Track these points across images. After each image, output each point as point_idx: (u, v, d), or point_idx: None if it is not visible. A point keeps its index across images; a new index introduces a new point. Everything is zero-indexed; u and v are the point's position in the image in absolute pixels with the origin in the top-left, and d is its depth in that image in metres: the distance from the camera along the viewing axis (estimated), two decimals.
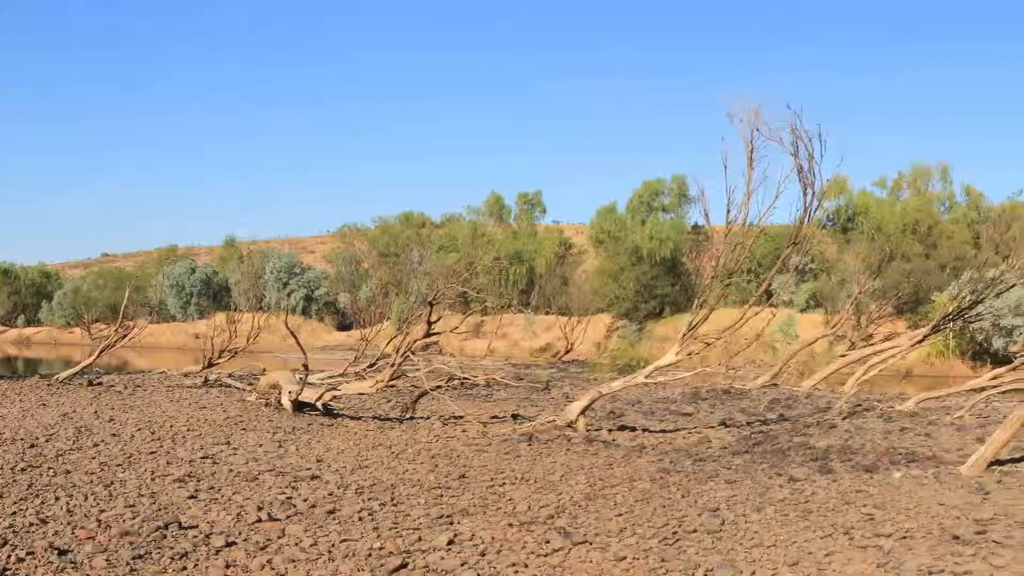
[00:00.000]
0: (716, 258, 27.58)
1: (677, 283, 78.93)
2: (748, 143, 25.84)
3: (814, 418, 28.06)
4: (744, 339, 43.11)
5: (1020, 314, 58.52)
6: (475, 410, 28.59)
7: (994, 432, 20.09)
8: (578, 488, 16.65)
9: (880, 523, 13.75)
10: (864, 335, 60.00)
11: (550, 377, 44.44)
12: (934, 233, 77.89)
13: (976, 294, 37.87)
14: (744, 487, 16.85)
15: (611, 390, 26.65)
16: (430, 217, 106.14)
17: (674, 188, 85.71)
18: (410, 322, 35.62)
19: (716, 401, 33.23)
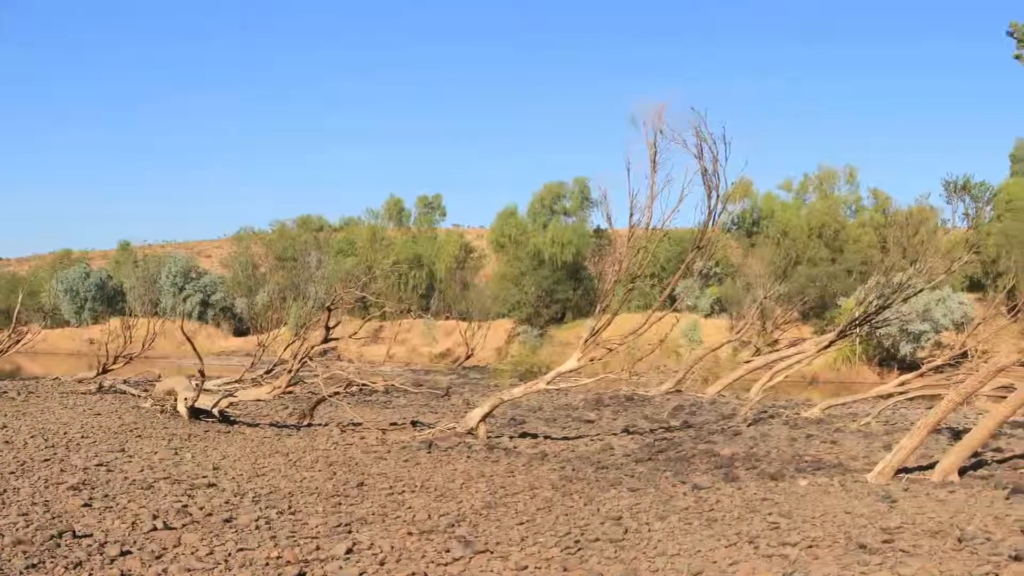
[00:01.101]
0: (619, 262, 27.69)
1: (579, 288, 79.40)
2: (651, 145, 26.00)
3: (719, 425, 28.33)
4: (647, 345, 43.36)
5: (927, 319, 59.72)
6: (374, 417, 28.42)
7: (901, 439, 20.42)
8: (479, 496, 16.63)
9: (786, 532, 13.86)
10: (769, 341, 60.92)
11: (450, 383, 44.39)
12: (840, 237, 79.20)
13: (883, 299, 38.46)
14: (647, 495, 16.90)
15: (512, 396, 26.63)
16: (328, 220, 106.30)
17: (576, 191, 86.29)
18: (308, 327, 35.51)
19: (619, 408, 33.39)
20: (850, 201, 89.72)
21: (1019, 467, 20.77)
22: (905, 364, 58.06)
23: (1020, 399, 20.01)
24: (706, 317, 73.11)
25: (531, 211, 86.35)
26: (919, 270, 41.67)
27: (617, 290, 28.03)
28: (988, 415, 20.63)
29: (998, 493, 17.08)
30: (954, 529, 13.90)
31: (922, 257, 44.16)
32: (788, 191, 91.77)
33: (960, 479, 19.00)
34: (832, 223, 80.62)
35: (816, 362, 51.00)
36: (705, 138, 26.27)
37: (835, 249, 77.84)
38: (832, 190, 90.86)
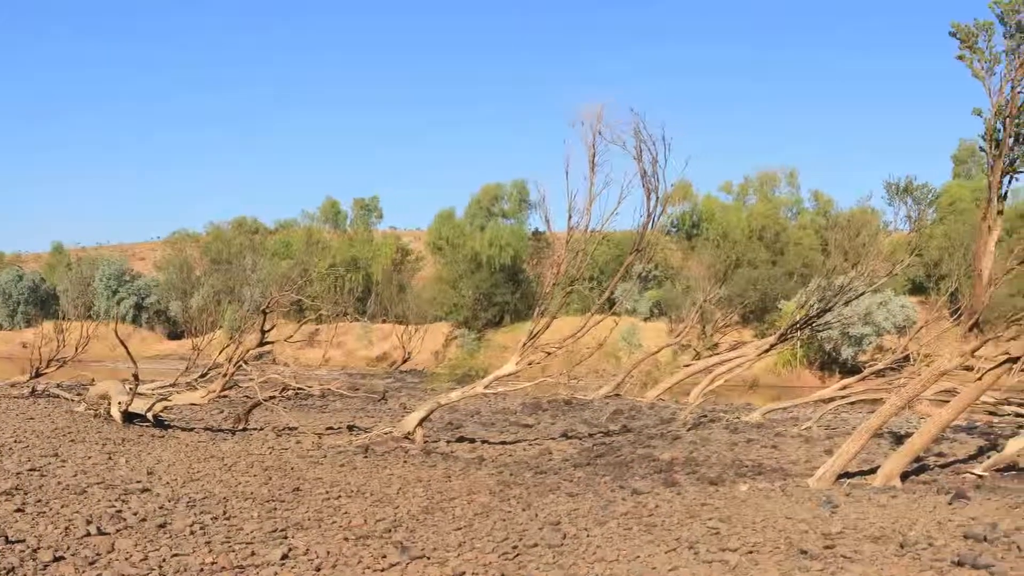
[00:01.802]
0: (557, 265, 27.77)
1: (517, 291, 79.42)
2: (591, 147, 26.10)
3: (658, 429, 28.42)
4: (586, 348, 43.49)
5: (869, 323, 60.21)
6: (310, 421, 28.42)
7: (843, 444, 20.56)
8: (415, 501, 16.64)
9: (726, 537, 13.90)
10: (709, 344, 61.07)
11: (387, 387, 44.38)
12: (781, 239, 79.70)
13: (824, 302, 38.72)
14: (586, 500, 16.94)
15: (450, 401, 26.67)
16: (264, 223, 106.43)
17: (514, 193, 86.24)
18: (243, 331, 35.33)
19: (557, 412, 33.47)
20: (791, 203, 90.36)
21: (962, 472, 20.99)
22: (847, 368, 58.49)
23: (963, 403, 20.19)
24: (645, 320, 73.29)
25: (469, 213, 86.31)
26: (861, 273, 41.91)
27: (556, 293, 28.10)
28: (930, 419, 20.81)
29: (941, 498, 17.22)
30: (896, 535, 13.99)
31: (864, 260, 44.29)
32: (728, 193, 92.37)
33: (902, 484, 19.16)
34: (773, 225, 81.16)
35: (757, 366, 51.30)
36: (644, 140, 26.43)
37: (776, 252, 78.35)
38: (773, 192, 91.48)
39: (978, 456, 23.27)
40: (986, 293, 20.42)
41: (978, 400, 23.42)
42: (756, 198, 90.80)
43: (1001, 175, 20.04)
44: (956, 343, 21.01)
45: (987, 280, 20.24)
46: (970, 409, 25.77)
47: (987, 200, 20.68)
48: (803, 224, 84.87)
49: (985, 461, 21.59)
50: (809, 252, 77.32)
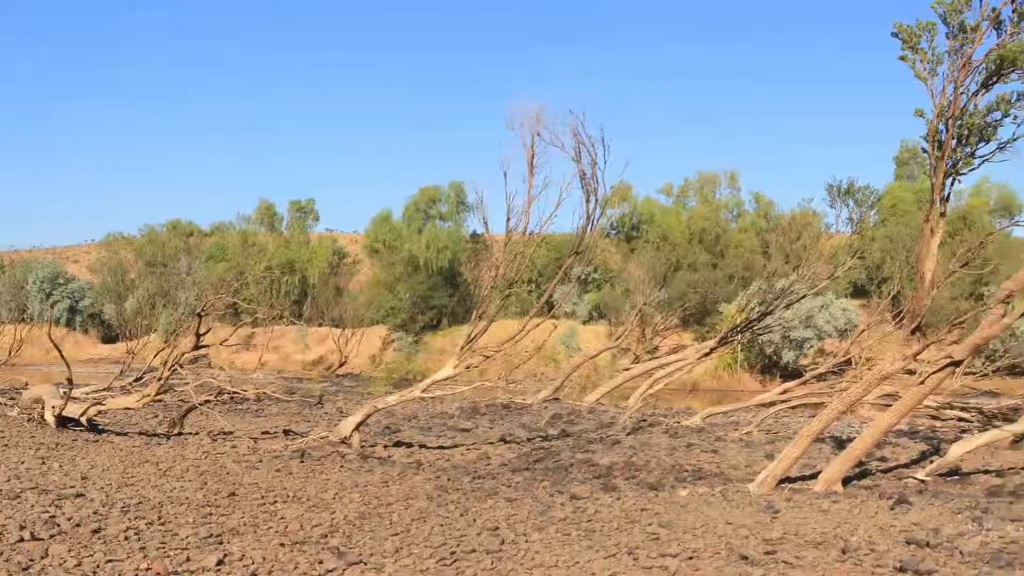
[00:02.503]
0: (495, 268, 27.78)
1: (455, 294, 79.35)
2: (529, 148, 26.16)
3: (597, 434, 28.48)
4: (525, 352, 43.56)
5: (810, 326, 60.63)
6: (245, 426, 28.26)
7: (784, 448, 20.69)
8: (352, 506, 16.58)
9: (666, 543, 13.94)
10: (649, 348, 61.38)
11: (323, 391, 44.28)
12: (722, 242, 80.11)
13: (765, 305, 38.98)
14: (525, 505, 16.94)
15: (387, 405, 26.61)
16: (199, 226, 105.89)
17: (452, 195, 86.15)
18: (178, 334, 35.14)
19: (496, 416, 33.48)
20: (731, 205, 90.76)
21: (904, 477, 21.16)
22: (788, 372, 58.81)
23: (905, 407, 20.37)
24: (584, 324, 73.42)
25: (406, 215, 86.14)
26: (802, 276, 42.20)
27: (494, 296, 28.12)
28: (872, 424, 20.99)
29: (882, 503, 17.37)
30: (838, 540, 14.09)
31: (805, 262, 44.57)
32: (668, 195, 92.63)
33: (844, 489, 19.29)
34: (713, 228, 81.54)
35: (697, 370, 51.60)
36: (583, 141, 26.55)
37: (716, 254, 78.74)
38: (713, 194, 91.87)
39: (920, 461, 23.47)
40: (928, 296, 20.67)
41: (920, 404, 23.62)
42: (696, 200, 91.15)
43: (944, 177, 20.34)
44: (898, 346, 21.24)
45: (929, 283, 20.51)
46: (912, 413, 26.03)
47: (929, 202, 21.00)
48: (744, 226, 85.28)
49: (928, 466, 21.77)
50: (750, 254, 77.72)
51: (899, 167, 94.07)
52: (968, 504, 17.21)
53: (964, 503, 17.36)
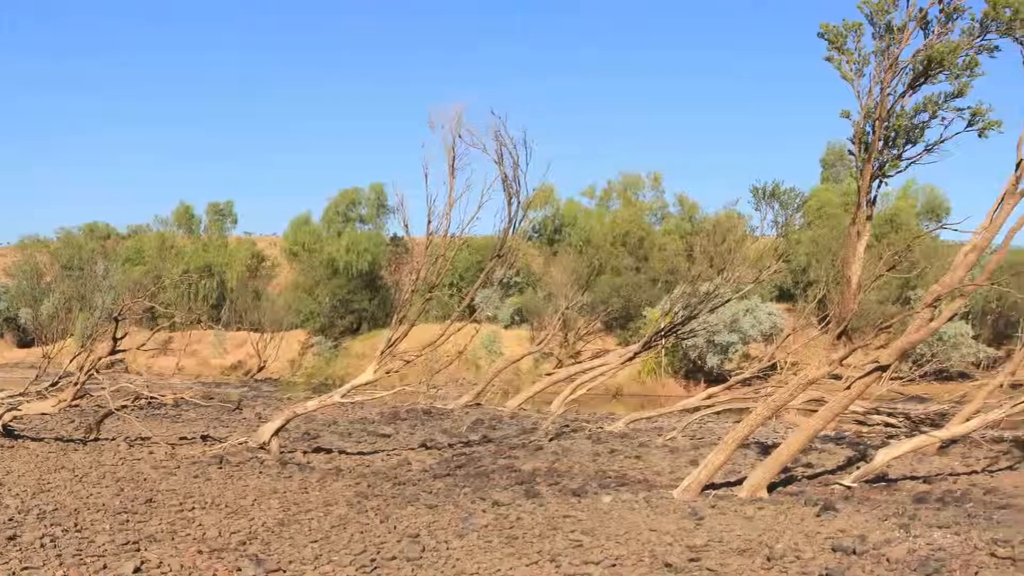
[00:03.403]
0: (416, 271, 27.77)
1: (375, 297, 79.15)
2: (450, 150, 26.14)
3: (519, 439, 28.52)
4: (446, 356, 43.51)
5: (735, 330, 61.01)
6: (163, 431, 28.06)
7: (708, 454, 20.81)
8: (271, 513, 16.56)
9: (588, 550, 13.97)
10: (572, 352, 61.56)
11: (242, 396, 43.96)
12: (645, 245, 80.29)
13: (689, 309, 39.17)
14: (446, 512, 16.94)
15: (306, 410, 26.52)
16: (116, 228, 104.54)
17: (372, 197, 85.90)
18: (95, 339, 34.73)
19: (416, 421, 33.47)
20: (655, 208, 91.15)
21: (830, 483, 21.36)
22: (712, 376, 59.18)
23: (831, 413, 20.54)
24: (506, 328, 73.45)
25: (325, 218, 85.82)
26: (726, 279, 42.44)
27: (414, 300, 28.10)
28: (798, 429, 21.19)
29: (808, 510, 17.51)
30: (763, 547, 14.18)
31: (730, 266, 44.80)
32: (591, 198, 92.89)
33: (769, 495, 19.44)
34: (636, 231, 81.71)
35: (620, 374, 51.73)
36: (505, 143, 26.55)
37: (640, 258, 78.93)
38: (637, 197, 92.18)
39: (847, 467, 23.72)
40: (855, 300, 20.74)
41: (847, 409, 23.84)
42: (620, 203, 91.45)
43: (870, 179, 20.38)
44: (824, 351, 21.33)
45: (856, 287, 20.58)
46: (839, 419, 26.26)
47: (856, 205, 21.03)
48: (668, 229, 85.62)
49: (854, 472, 21.99)
50: (674, 258, 77.94)
51: (825, 169, 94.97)
52: (895, 511, 17.41)
53: (891, 510, 17.56)
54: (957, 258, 19.75)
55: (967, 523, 16.17)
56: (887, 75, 19.84)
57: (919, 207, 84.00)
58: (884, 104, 19.82)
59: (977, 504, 18.68)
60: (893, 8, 19.90)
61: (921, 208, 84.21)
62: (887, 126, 20.04)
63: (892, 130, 20.12)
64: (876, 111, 19.92)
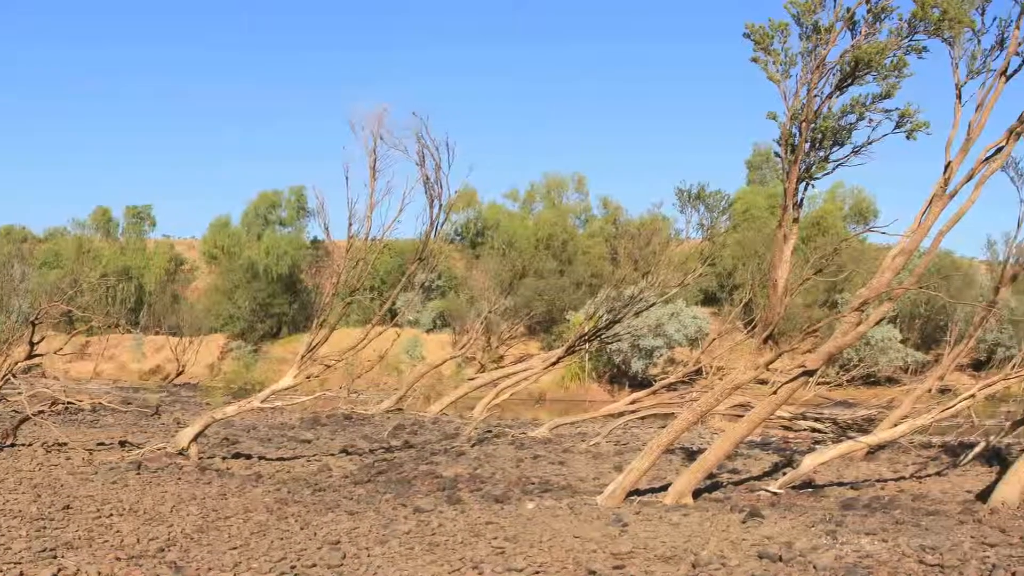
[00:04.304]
0: (337, 274, 27.74)
1: (295, 301, 79.03)
2: (371, 152, 26.11)
3: (441, 445, 28.51)
4: (367, 361, 43.36)
5: (660, 335, 61.29)
6: (80, 437, 27.74)
7: (632, 460, 20.84)
8: (190, 520, 16.43)
9: (511, 557, 13.96)
10: (495, 357, 61.56)
11: (160, 401, 43.58)
12: (569, 248, 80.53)
13: (614, 313, 39.28)
14: (367, 519, 16.88)
15: (225, 415, 26.36)
16: (32, 231, 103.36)
17: (292, 200, 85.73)
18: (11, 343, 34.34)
19: (337, 427, 33.41)
20: (579, 211, 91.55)
21: (756, 489, 21.48)
22: (637, 381, 59.43)
23: (757, 418, 20.66)
24: (428, 332, 73.52)
25: (245, 221, 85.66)
26: (651, 283, 42.66)
27: (335, 304, 28.03)
28: (724, 435, 21.27)
29: (734, 516, 17.58)
30: (688, 554, 14.22)
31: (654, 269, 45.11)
32: (515, 200, 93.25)
33: (694, 502, 19.52)
34: (560, 234, 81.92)
35: (543, 379, 51.85)
36: (427, 145, 26.57)
37: (563, 261, 79.13)
38: (560, 199, 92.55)
39: (773, 473, 23.88)
40: (781, 304, 20.87)
41: (773, 414, 24.02)
42: (543, 205, 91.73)
43: (797, 181, 20.50)
44: (750, 355, 21.48)
45: (782, 290, 20.70)
46: (765, 424, 26.45)
47: (782, 207, 21.15)
48: (592, 232, 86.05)
49: (780, 478, 22.13)
50: (598, 261, 78.35)
51: (751, 171, 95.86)
52: (822, 517, 17.51)
53: (818, 516, 17.66)
54: (885, 262, 19.92)
55: (895, 530, 16.28)
56: (814, 76, 19.97)
57: (846, 210, 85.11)
58: (811, 105, 19.96)
59: (905, 510, 18.84)
60: (820, 8, 20.03)
61: (848, 211, 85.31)
62: (814, 128, 20.17)
63: (819, 132, 20.25)
64: (803, 112, 20.05)
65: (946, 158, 19.31)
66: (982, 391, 24.50)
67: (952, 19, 18.81)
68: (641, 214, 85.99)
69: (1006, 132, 19.48)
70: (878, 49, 19.28)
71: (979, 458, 25.65)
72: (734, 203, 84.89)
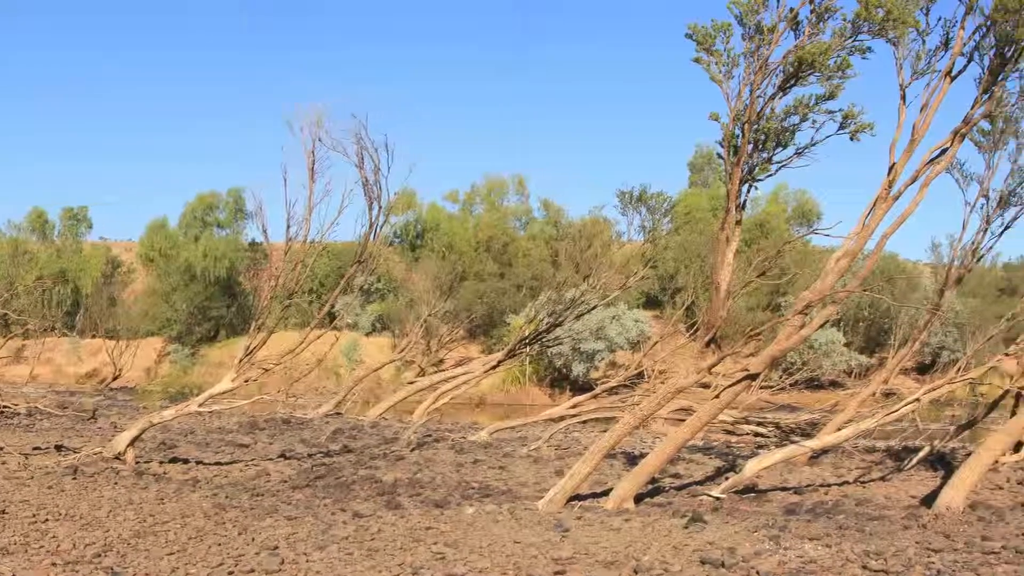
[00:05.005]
0: (275, 277, 27.66)
1: (234, 304, 78.61)
2: (310, 154, 26.07)
3: (381, 449, 28.45)
4: (306, 365, 43.24)
5: (602, 338, 61.33)
6: (16, 441, 27.58)
7: (574, 465, 20.83)
8: (127, 525, 16.35)
9: (451, 562, 13.94)
10: (435, 360, 61.51)
11: (97, 405, 43.18)
12: (510, 251, 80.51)
13: (554, 316, 39.36)
14: (305, 524, 16.85)
15: (162, 419, 26.16)
16: None
17: (231, 202, 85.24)
18: None
19: (275, 431, 33.31)
20: (520, 213, 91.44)
21: (698, 494, 21.51)
22: (578, 385, 59.42)
23: (700, 422, 20.71)
24: (367, 335, 73.20)
25: (183, 223, 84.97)
26: (592, 286, 42.78)
27: (273, 307, 27.98)
28: (666, 439, 21.31)
29: (676, 521, 17.61)
30: (630, 559, 14.23)
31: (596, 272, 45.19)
32: (455, 202, 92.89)
33: (636, 507, 19.54)
34: (501, 236, 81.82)
35: (484, 383, 51.83)
36: (366, 146, 26.58)
37: (504, 263, 79.03)
38: (501, 201, 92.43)
39: (716, 477, 23.94)
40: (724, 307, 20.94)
41: (716, 419, 24.08)
42: (483, 207, 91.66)
43: (740, 183, 20.58)
44: (692, 359, 21.61)
45: (725, 293, 20.77)
46: (707, 428, 26.52)
47: (725, 209, 21.23)
48: (533, 234, 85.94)
49: (723, 483, 22.18)
50: (539, 264, 78.20)
51: (694, 173, 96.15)
52: (765, 522, 17.57)
53: (761, 521, 17.71)
54: (828, 264, 20.03)
55: (839, 535, 16.35)
56: (757, 77, 20.04)
57: (790, 212, 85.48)
58: (754, 106, 20.03)
59: (849, 515, 18.92)
60: (763, 8, 20.10)
61: (792, 213, 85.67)
62: (756, 129, 20.24)
63: (762, 133, 20.33)
64: (745, 114, 20.12)
65: (891, 160, 19.42)
66: (927, 395, 24.67)
67: (896, 19, 18.93)
68: (583, 216, 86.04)
69: (951, 133, 19.64)
70: (821, 50, 19.37)
71: (924, 463, 25.78)
72: (676, 205, 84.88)
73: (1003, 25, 18.96)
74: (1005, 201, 29.63)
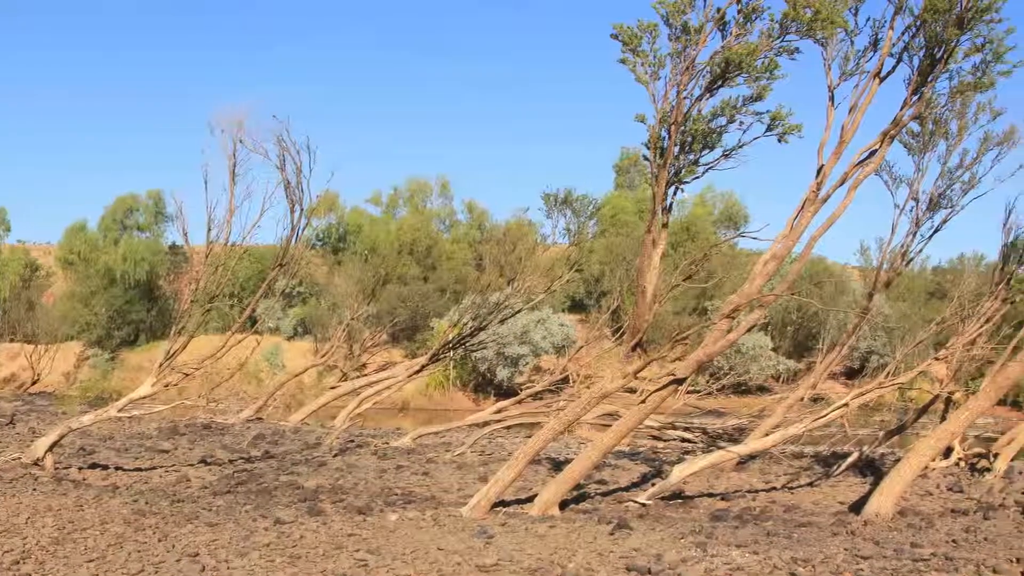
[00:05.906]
0: (196, 281, 27.56)
1: (154, 308, 78.10)
2: (231, 156, 26.00)
3: (302, 455, 28.32)
4: (227, 369, 42.89)
5: (526, 342, 61.39)
6: None
7: (498, 471, 20.79)
8: (45, 531, 16.17)
9: (374, 569, 13.89)
10: (357, 365, 61.20)
11: (15, 411, 42.74)
12: (433, 253, 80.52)
13: (479, 320, 39.32)
14: (227, 530, 16.71)
15: (81, 425, 25.95)
16: None
17: (151, 205, 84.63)
18: None
19: (196, 436, 33.11)
20: (443, 215, 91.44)
21: (624, 500, 21.55)
22: (503, 390, 59.54)
23: (626, 427, 20.70)
24: (289, 340, 72.98)
25: (102, 226, 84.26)
26: (517, 289, 42.74)
27: (194, 310, 27.84)
28: (591, 445, 21.28)
29: (601, 528, 17.61)
30: (555, 566, 14.21)
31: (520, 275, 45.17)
32: (377, 205, 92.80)
33: (561, 513, 19.52)
34: (424, 239, 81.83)
35: (407, 388, 51.69)
36: (288, 148, 26.54)
37: (427, 267, 79.09)
38: (424, 204, 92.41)
39: (642, 483, 24.00)
40: (650, 311, 21.02)
41: (642, 424, 24.11)
42: (407, 210, 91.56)
43: (666, 186, 20.66)
44: (618, 364, 21.61)
45: (651, 297, 20.85)
46: (634, 433, 26.55)
47: (651, 212, 21.29)
48: (456, 237, 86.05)
49: (649, 489, 22.22)
50: (463, 267, 78.41)
51: (619, 175, 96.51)
52: (691, 529, 17.62)
53: (687, 528, 17.76)
54: (756, 267, 20.09)
55: (766, 542, 16.42)
56: (683, 78, 20.12)
57: (717, 214, 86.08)
58: (680, 108, 20.11)
59: (777, 522, 19.03)
60: (690, 9, 20.17)
61: (719, 215, 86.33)
62: (683, 131, 20.33)
63: (688, 135, 20.42)
64: (672, 115, 20.19)
65: (819, 161, 19.53)
66: (855, 400, 24.88)
67: (825, 19, 19.04)
68: (507, 219, 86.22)
69: (880, 135, 19.78)
70: (749, 50, 19.46)
71: (852, 468, 25.96)
72: (602, 208, 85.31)
73: (933, 25, 19.14)
74: (935, 204, 29.97)
